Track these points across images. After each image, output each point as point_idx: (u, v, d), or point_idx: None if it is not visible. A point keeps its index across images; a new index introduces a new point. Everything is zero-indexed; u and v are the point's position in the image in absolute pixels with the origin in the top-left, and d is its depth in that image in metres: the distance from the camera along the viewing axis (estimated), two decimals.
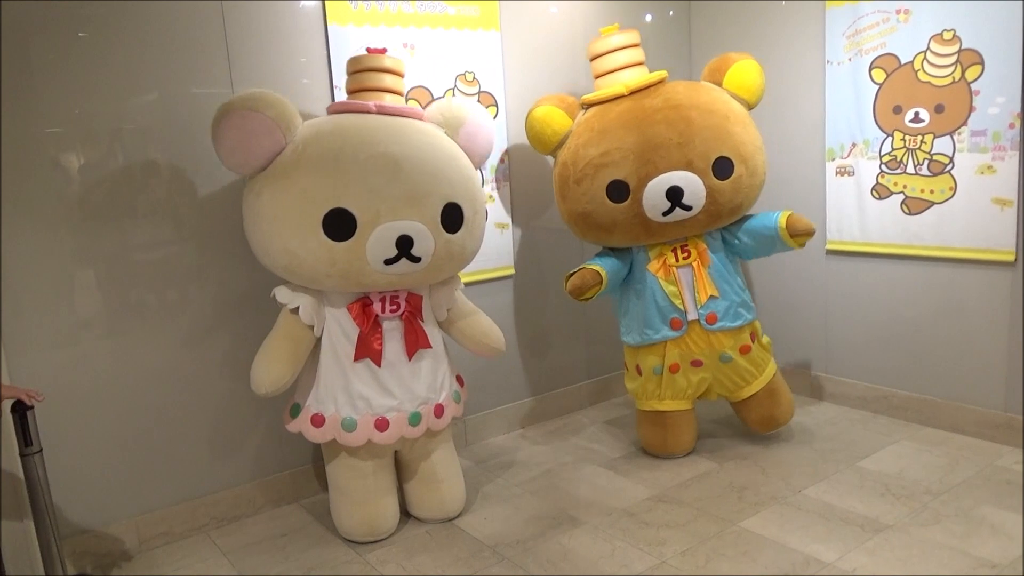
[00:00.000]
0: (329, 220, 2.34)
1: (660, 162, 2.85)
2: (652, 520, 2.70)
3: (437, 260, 2.50)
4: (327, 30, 2.93)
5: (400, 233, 2.38)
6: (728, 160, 2.87)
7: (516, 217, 3.56)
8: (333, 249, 2.37)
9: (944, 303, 3.24)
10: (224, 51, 2.73)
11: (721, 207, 2.91)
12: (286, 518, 2.93)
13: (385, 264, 2.40)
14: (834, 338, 3.67)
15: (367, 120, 2.53)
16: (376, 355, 2.54)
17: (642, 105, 2.94)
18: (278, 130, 2.39)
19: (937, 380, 3.31)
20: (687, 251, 3.03)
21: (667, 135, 2.85)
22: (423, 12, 3.16)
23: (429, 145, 2.52)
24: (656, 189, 2.86)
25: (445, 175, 2.49)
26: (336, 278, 2.43)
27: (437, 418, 2.67)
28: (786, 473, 2.99)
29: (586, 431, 3.61)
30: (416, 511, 2.82)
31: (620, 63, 3.06)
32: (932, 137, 3.16)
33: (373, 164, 2.37)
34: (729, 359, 3.06)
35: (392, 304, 2.57)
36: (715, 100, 2.95)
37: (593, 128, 2.99)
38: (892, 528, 2.53)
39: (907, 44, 3.18)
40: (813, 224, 2.98)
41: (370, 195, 2.36)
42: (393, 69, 2.67)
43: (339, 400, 2.56)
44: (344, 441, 2.57)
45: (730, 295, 3.03)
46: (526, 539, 2.64)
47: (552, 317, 3.78)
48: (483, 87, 3.37)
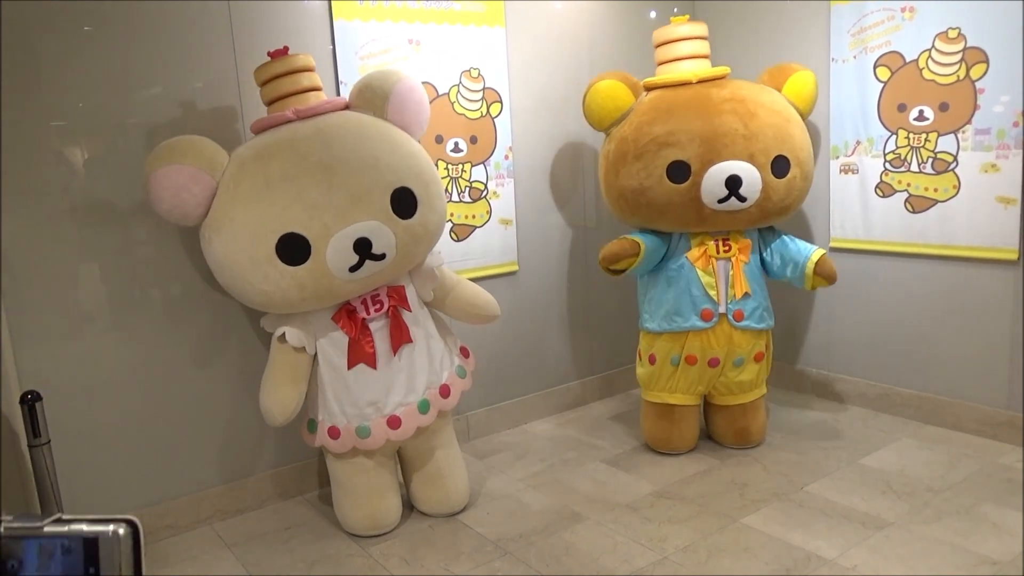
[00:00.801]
0: (281, 248, 2.28)
1: (724, 150, 2.87)
2: (654, 516, 2.72)
3: (404, 248, 2.44)
4: (333, 26, 2.94)
5: (355, 238, 2.31)
6: (786, 159, 2.92)
7: (520, 213, 3.57)
8: (296, 275, 2.31)
9: (947, 301, 3.24)
10: (231, 47, 2.74)
11: (773, 204, 2.94)
12: (290, 511, 2.95)
13: (351, 272, 2.35)
14: (837, 335, 3.68)
15: (289, 132, 2.40)
16: (370, 358, 2.53)
17: (709, 94, 2.97)
18: (203, 174, 2.30)
19: (939, 378, 3.32)
20: (728, 245, 3.04)
21: (733, 125, 2.88)
22: (429, 8, 3.17)
23: (357, 137, 2.41)
24: (716, 175, 2.87)
25: (383, 162, 2.39)
26: (311, 300, 2.40)
27: (445, 398, 2.66)
28: (788, 470, 3.00)
29: (590, 427, 3.63)
30: (420, 505, 2.83)
31: (685, 53, 3.09)
32: (936, 135, 3.16)
33: (306, 178, 2.29)
34: (741, 363, 3.07)
35: (375, 304, 2.54)
36: (777, 102, 3.02)
37: (659, 108, 3.00)
38: (893, 525, 2.54)
39: (912, 42, 3.18)
40: (837, 274, 3.06)
41: (313, 210, 2.28)
42: (303, 66, 2.53)
43: (348, 412, 2.56)
44: (364, 447, 2.58)
45: (759, 297, 3.08)
46: (529, 534, 2.65)
47: (556, 314, 3.79)
48: (488, 83, 3.37)
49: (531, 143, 3.59)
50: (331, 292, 2.40)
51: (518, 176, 3.54)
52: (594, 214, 3.85)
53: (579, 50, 3.69)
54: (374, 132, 2.47)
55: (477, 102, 3.35)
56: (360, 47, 3.00)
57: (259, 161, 2.34)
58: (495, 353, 3.56)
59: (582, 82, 3.69)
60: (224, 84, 2.75)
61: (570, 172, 3.75)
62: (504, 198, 3.50)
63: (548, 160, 3.66)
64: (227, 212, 2.32)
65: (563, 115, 3.68)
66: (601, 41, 3.76)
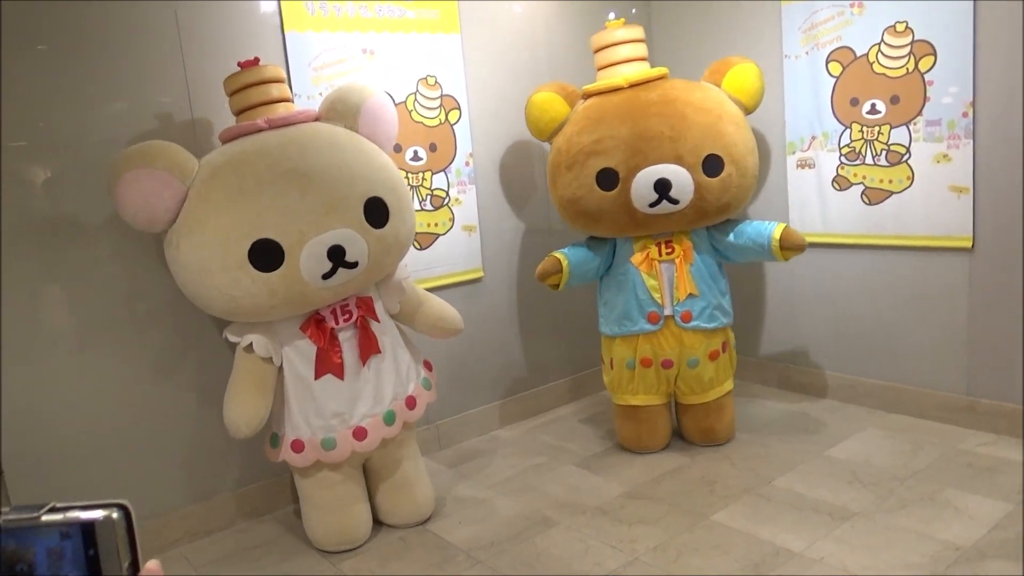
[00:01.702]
0: (255, 254, 2.28)
1: (651, 154, 2.87)
2: (625, 517, 2.73)
3: (375, 258, 2.46)
4: (284, 37, 2.92)
5: (329, 245, 2.31)
6: (718, 158, 2.88)
7: (483, 219, 3.56)
8: (268, 281, 2.31)
9: (906, 291, 3.29)
10: (180, 60, 2.71)
11: (708, 204, 2.91)
12: (259, 530, 2.91)
13: (323, 279, 2.35)
14: (800, 328, 3.72)
15: (261, 140, 2.41)
16: (338, 368, 2.52)
17: (638, 98, 2.97)
18: (174, 179, 2.29)
19: (901, 366, 3.37)
20: (671, 247, 3.04)
21: (659, 128, 2.87)
22: (382, 17, 3.15)
23: (331, 146, 2.43)
24: (644, 180, 2.88)
25: (357, 172, 2.42)
26: (281, 308, 2.39)
27: (410, 410, 2.67)
28: (756, 465, 3.03)
29: (560, 430, 3.63)
30: (388, 518, 2.81)
31: (622, 57, 3.08)
32: (889, 128, 3.21)
33: (281, 184, 2.29)
34: (696, 363, 3.06)
35: (344, 313, 2.54)
36: (710, 99, 2.97)
37: (589, 117, 3.03)
38: (859, 515, 2.57)
39: (862, 37, 3.23)
40: (806, 240, 3.01)
41: (287, 216, 2.28)
42: (274, 77, 2.54)
43: (313, 424, 2.54)
44: (329, 459, 2.56)
45: (708, 296, 3.04)
46: (500, 541, 2.65)
47: (523, 318, 3.79)
48: (445, 91, 3.36)
49: (491, 148, 3.59)
50: (302, 299, 2.39)
51: (480, 182, 3.54)
52: (557, 216, 3.85)
53: (536, 53, 3.70)
54: (347, 143, 2.49)
55: (435, 110, 3.34)
56: (313, 58, 2.97)
57: (232, 167, 2.34)
58: (463, 361, 3.55)
59: (539, 80, 3.70)
60: (175, 97, 2.71)
61: (532, 175, 3.75)
62: (466, 205, 3.49)
63: (509, 165, 3.66)
64: (198, 217, 2.31)
65: (522, 119, 3.65)
66: (558, 44, 3.77)
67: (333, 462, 2.58)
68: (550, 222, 3.83)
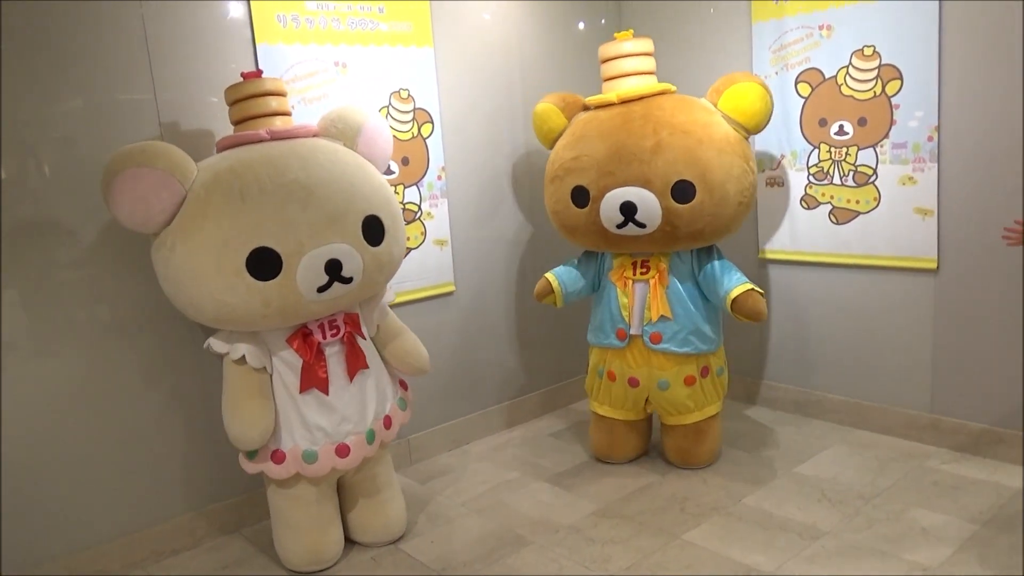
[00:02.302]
0: (252, 261, 2.26)
1: (620, 174, 2.85)
2: (597, 536, 2.73)
3: (369, 275, 2.47)
4: (255, 50, 2.87)
5: (328, 258, 2.33)
6: (689, 184, 2.79)
7: (455, 233, 3.55)
8: (264, 290, 2.30)
9: (872, 309, 3.35)
10: (148, 71, 2.65)
11: (677, 230, 2.86)
12: (228, 549, 2.86)
13: (318, 292, 2.36)
14: (768, 344, 3.76)
15: (263, 150, 2.41)
16: (323, 383, 2.50)
17: (624, 116, 2.94)
18: (174, 180, 2.27)
19: (866, 384, 3.42)
20: (647, 267, 3.03)
21: (633, 150, 2.84)
22: (354, 30, 3.12)
23: (332, 162, 2.45)
24: (611, 201, 2.87)
25: (357, 189, 2.44)
26: (273, 317, 2.37)
27: (387, 429, 2.67)
28: (726, 482, 3.05)
29: (531, 445, 3.62)
30: (360, 535, 2.78)
31: (624, 70, 3.04)
32: (856, 149, 3.26)
33: (283, 194, 2.30)
34: (667, 386, 3.05)
35: (332, 328, 2.53)
36: (694, 122, 2.85)
37: (575, 132, 3.05)
38: (828, 535, 2.61)
39: (830, 59, 3.28)
40: (763, 313, 2.87)
41: (288, 226, 2.29)
42: (275, 91, 2.56)
43: (296, 434, 2.51)
44: (308, 473, 2.53)
45: (684, 321, 2.98)
46: (472, 561, 2.63)
47: (494, 332, 3.78)
48: (418, 104, 3.34)
49: (464, 162, 3.57)
50: (295, 311, 2.38)
51: (452, 196, 3.52)
52: (528, 229, 3.86)
53: (510, 66, 3.69)
54: (348, 160, 2.53)
55: (408, 123, 3.32)
56: (285, 71, 2.93)
57: (234, 173, 2.32)
58: (434, 375, 3.50)
59: (514, 98, 3.72)
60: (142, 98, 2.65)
61: (504, 189, 3.75)
62: (438, 219, 3.47)
63: (482, 178, 3.65)
64: (196, 221, 2.28)
65: (495, 132, 3.68)
66: (532, 56, 3.77)
67: (312, 476, 2.55)
68: (521, 235, 3.83)
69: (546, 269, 3.93)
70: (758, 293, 2.90)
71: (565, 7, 3.89)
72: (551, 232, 3.92)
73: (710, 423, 3.15)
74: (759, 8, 3.49)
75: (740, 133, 2.93)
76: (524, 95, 3.76)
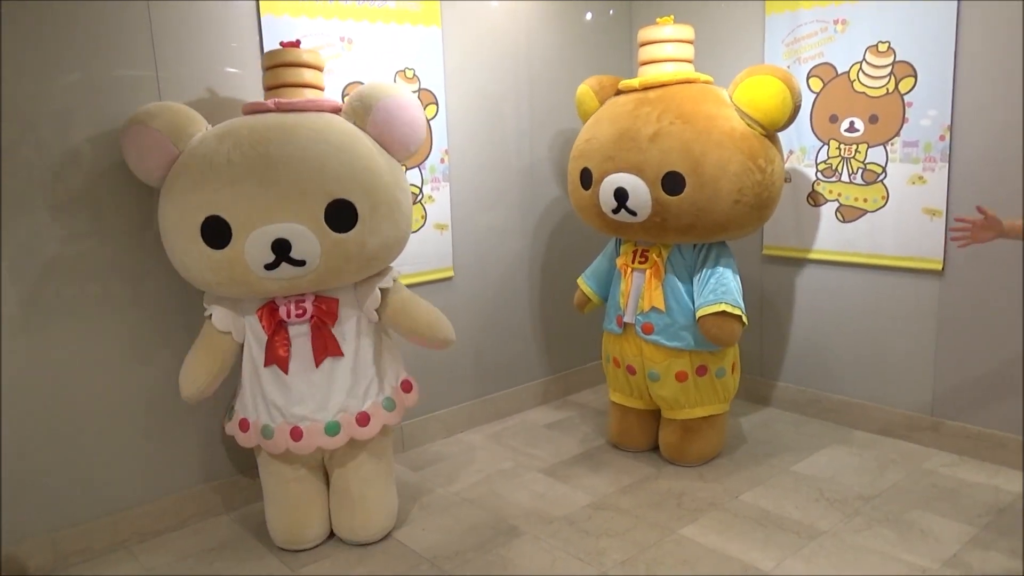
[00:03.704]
0: (205, 228, 2.27)
1: (618, 160, 2.86)
2: (592, 529, 2.69)
3: (330, 262, 2.35)
4: (260, 20, 2.80)
5: (275, 237, 2.25)
6: (680, 176, 2.72)
7: (456, 218, 3.49)
8: (212, 257, 2.30)
9: (875, 309, 3.31)
10: (149, 38, 2.58)
11: (666, 222, 2.81)
12: (215, 531, 2.80)
13: (266, 269, 2.30)
14: (769, 342, 3.72)
15: (259, 120, 2.37)
16: (282, 361, 2.45)
17: (638, 102, 2.92)
18: (167, 140, 2.33)
19: (867, 384, 3.39)
20: (645, 257, 3.02)
21: (634, 136, 2.83)
22: (361, 5, 3.05)
23: (314, 140, 2.33)
24: (607, 186, 2.89)
25: (330, 170, 2.30)
26: (225, 285, 2.36)
27: (361, 427, 2.53)
28: (723, 478, 3.02)
29: (527, 435, 3.58)
30: (335, 530, 2.69)
31: (656, 56, 3.00)
32: (866, 147, 3.22)
33: (246, 166, 2.25)
34: (657, 378, 3.01)
35: (298, 309, 2.46)
36: (699, 113, 2.75)
37: (599, 115, 3.08)
38: (827, 534, 2.57)
39: (844, 54, 3.23)
40: (724, 341, 2.82)
41: (241, 199, 2.25)
42: (307, 62, 2.51)
43: (259, 407, 2.52)
44: (266, 448, 2.54)
45: (676, 315, 2.93)
46: (465, 551, 2.59)
47: (493, 320, 3.73)
48: (423, 84, 3.28)
49: (467, 145, 3.51)
50: (246, 284, 2.35)
51: (454, 179, 3.46)
52: (532, 217, 3.81)
53: (517, 50, 3.63)
54: (337, 139, 2.37)
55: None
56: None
57: (216, 139, 2.34)
58: (429, 361, 3.47)
59: (520, 82, 3.66)
60: (142, 74, 2.58)
61: (508, 174, 3.69)
62: (439, 202, 3.41)
63: (485, 163, 3.59)
64: (172, 181, 2.35)
65: (500, 116, 3.62)
66: (539, 41, 3.71)
67: (272, 451, 2.54)
68: (524, 222, 3.78)
69: (548, 259, 3.91)
70: (733, 316, 2.80)
71: None
72: (554, 221, 3.89)
73: (702, 423, 3.07)
74: (773, 0, 3.44)
75: (755, 129, 2.76)
76: (530, 80, 3.70)
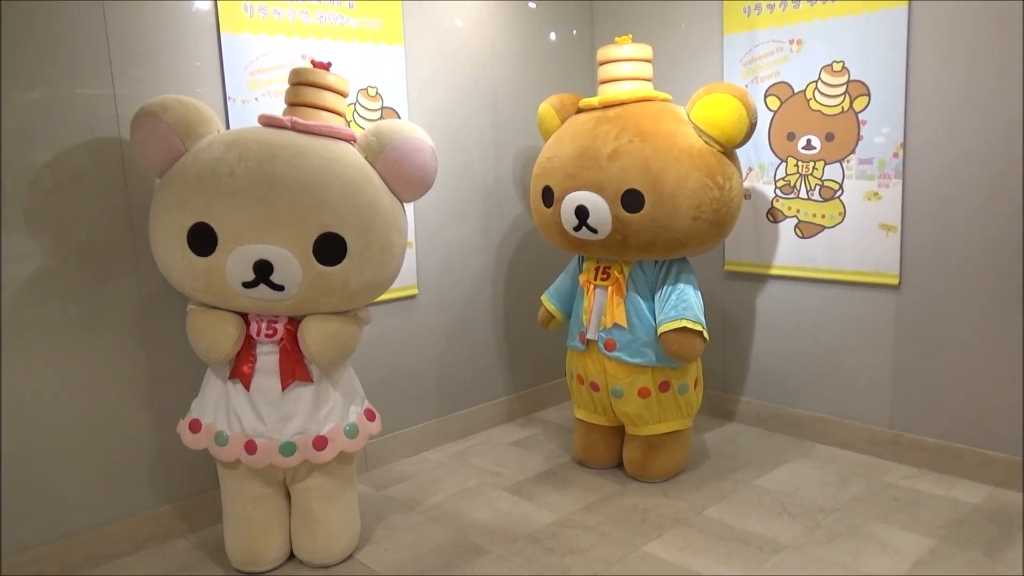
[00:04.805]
0: (192, 234, 2.26)
1: (579, 178, 2.87)
2: (556, 547, 2.67)
3: (310, 292, 2.32)
4: (220, 38, 2.79)
5: (258, 257, 2.23)
6: (639, 194, 2.74)
7: (420, 235, 3.48)
8: (194, 263, 2.28)
9: (835, 324, 3.36)
10: (106, 55, 2.55)
11: (627, 239, 2.83)
12: (174, 554, 2.74)
13: (244, 287, 2.28)
14: (732, 357, 3.76)
15: (272, 135, 2.34)
16: (245, 378, 2.43)
17: (598, 120, 2.94)
18: (175, 136, 2.31)
19: (828, 398, 3.43)
20: (607, 274, 3.03)
21: (593, 154, 2.85)
22: (323, 24, 3.05)
23: (322, 169, 2.30)
24: (568, 204, 2.91)
25: (329, 202, 2.27)
26: (202, 293, 2.36)
27: (318, 450, 2.47)
28: (687, 493, 3.02)
29: (492, 453, 3.56)
30: (295, 550, 2.65)
31: (614, 75, 3.03)
32: (823, 164, 3.28)
33: (248, 181, 2.23)
34: (619, 394, 3.02)
35: (269, 328, 2.44)
36: (657, 131, 2.78)
37: (558, 134, 3.10)
38: (789, 548, 2.59)
39: (800, 73, 3.30)
40: (685, 357, 2.85)
41: (233, 212, 2.22)
42: (331, 86, 2.50)
43: (218, 413, 2.48)
44: (216, 455, 2.49)
45: (639, 332, 2.95)
46: (428, 571, 2.56)
47: (457, 337, 3.71)
48: (386, 103, 3.28)
49: None
50: (222, 296, 2.34)
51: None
52: (497, 234, 3.81)
53: (481, 68, 3.65)
54: (345, 172, 2.34)
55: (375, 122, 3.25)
56: (250, 62, 2.85)
57: (224, 146, 2.31)
58: (394, 379, 3.45)
59: (485, 100, 3.68)
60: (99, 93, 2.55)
61: (472, 192, 3.69)
62: None
63: (450, 180, 3.59)
64: (170, 179, 2.33)
65: (465, 133, 3.63)
66: (503, 59, 3.74)
67: (219, 459, 2.50)
68: (489, 239, 3.78)
69: (514, 276, 3.92)
70: (694, 332, 2.84)
71: (539, 13, 3.87)
72: (518, 238, 3.90)
73: (666, 439, 3.08)
74: (731, 21, 3.50)
75: (713, 146, 2.79)
76: (495, 97, 3.72)
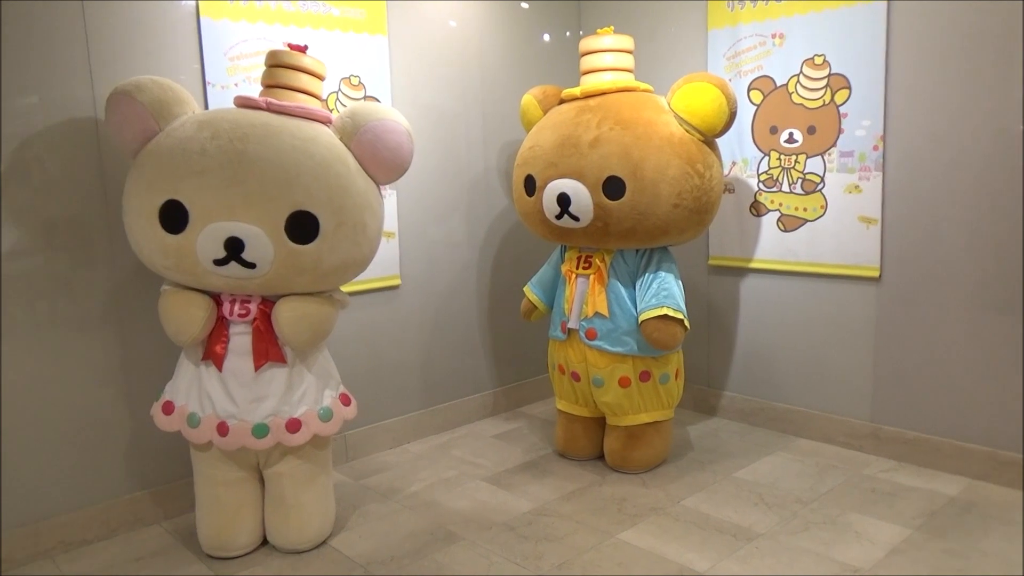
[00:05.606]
0: (164, 211, 2.26)
1: (561, 166, 2.88)
2: (531, 534, 2.65)
3: (282, 270, 2.33)
4: (199, 23, 2.79)
5: (229, 234, 2.24)
6: (620, 181, 2.76)
7: (403, 226, 3.48)
8: (165, 241, 2.28)
9: (816, 317, 3.35)
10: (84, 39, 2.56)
11: (608, 227, 2.84)
12: (144, 541, 2.72)
13: (215, 264, 2.28)
14: (716, 352, 3.74)
15: (244, 115, 2.35)
16: (217, 358, 2.41)
17: (579, 109, 2.95)
18: (149, 116, 2.32)
19: (809, 392, 3.42)
20: (589, 263, 3.03)
21: (575, 143, 2.86)
22: (305, 11, 3.06)
23: (294, 148, 2.31)
24: (550, 192, 2.92)
25: (301, 181, 2.28)
26: (173, 271, 2.35)
27: (291, 433, 2.46)
28: (666, 484, 3.01)
29: (473, 445, 3.54)
30: (268, 535, 2.63)
31: (596, 66, 3.04)
32: (805, 157, 3.28)
33: (220, 159, 2.23)
34: (600, 383, 3.02)
35: (242, 308, 2.43)
36: (638, 119, 2.80)
37: (542, 123, 3.10)
38: (763, 536, 2.57)
39: (782, 67, 3.30)
40: (665, 344, 2.86)
41: (205, 190, 2.23)
42: (307, 68, 2.51)
43: (191, 395, 2.47)
44: (188, 436, 2.48)
45: (620, 320, 2.95)
46: (400, 556, 2.54)
47: (440, 329, 3.70)
48: (368, 92, 3.28)
49: (416, 153, 3.49)
50: (193, 275, 2.34)
51: (401, 187, 3.45)
52: (483, 227, 3.81)
53: (466, 60, 3.66)
54: (318, 151, 2.35)
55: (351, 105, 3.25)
56: (229, 48, 2.86)
57: (196, 125, 2.32)
58: (376, 371, 3.44)
59: (470, 92, 3.68)
60: (76, 78, 2.56)
61: (457, 183, 3.69)
62: (386, 210, 3.39)
63: (434, 171, 3.59)
64: (143, 158, 2.34)
65: (450, 125, 3.63)
66: (489, 51, 3.74)
67: (191, 440, 2.48)
68: (473, 232, 3.77)
69: (498, 269, 3.92)
70: (674, 319, 2.84)
71: (525, 7, 3.87)
72: (503, 230, 3.90)
73: (646, 429, 3.07)
74: (715, 15, 3.51)
75: (694, 135, 2.81)
76: (480, 89, 3.73)
